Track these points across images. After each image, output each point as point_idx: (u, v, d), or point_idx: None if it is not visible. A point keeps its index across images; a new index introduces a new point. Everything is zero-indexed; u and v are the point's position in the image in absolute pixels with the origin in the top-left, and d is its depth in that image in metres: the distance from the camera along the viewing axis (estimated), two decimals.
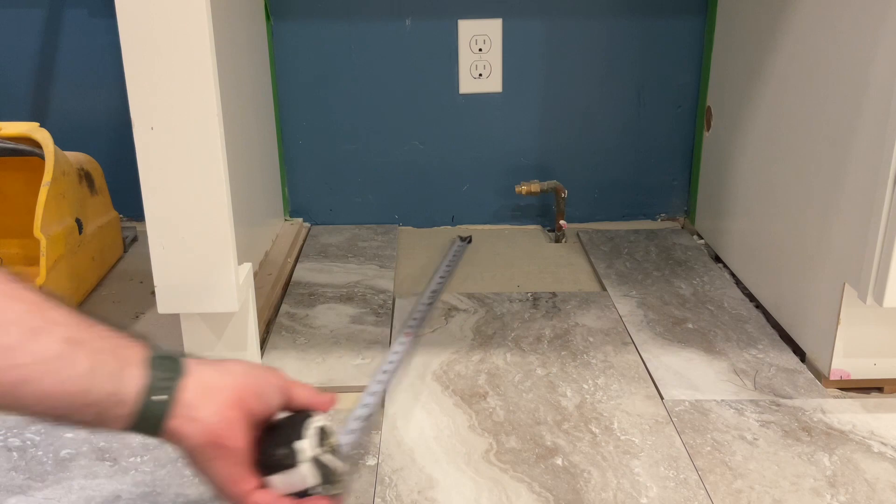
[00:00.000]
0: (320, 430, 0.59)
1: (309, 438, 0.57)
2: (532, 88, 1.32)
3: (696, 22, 1.28)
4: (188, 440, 0.54)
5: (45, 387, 0.49)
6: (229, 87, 0.90)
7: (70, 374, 0.49)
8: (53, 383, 0.49)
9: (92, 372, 0.50)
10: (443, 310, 1.06)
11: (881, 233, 0.75)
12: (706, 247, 1.27)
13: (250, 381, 0.57)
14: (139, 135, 0.76)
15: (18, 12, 1.27)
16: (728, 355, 0.94)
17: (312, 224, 1.39)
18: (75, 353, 0.50)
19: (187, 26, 0.73)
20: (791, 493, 0.70)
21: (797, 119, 0.94)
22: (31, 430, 0.81)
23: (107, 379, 0.51)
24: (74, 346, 0.50)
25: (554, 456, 0.76)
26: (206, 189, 0.78)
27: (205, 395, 0.54)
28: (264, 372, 0.60)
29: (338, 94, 1.32)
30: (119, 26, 0.72)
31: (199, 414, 0.54)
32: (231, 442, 0.54)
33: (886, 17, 0.75)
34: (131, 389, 0.52)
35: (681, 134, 1.35)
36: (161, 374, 0.53)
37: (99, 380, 0.50)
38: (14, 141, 1.02)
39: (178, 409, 0.53)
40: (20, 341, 0.48)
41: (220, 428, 0.54)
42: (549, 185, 1.31)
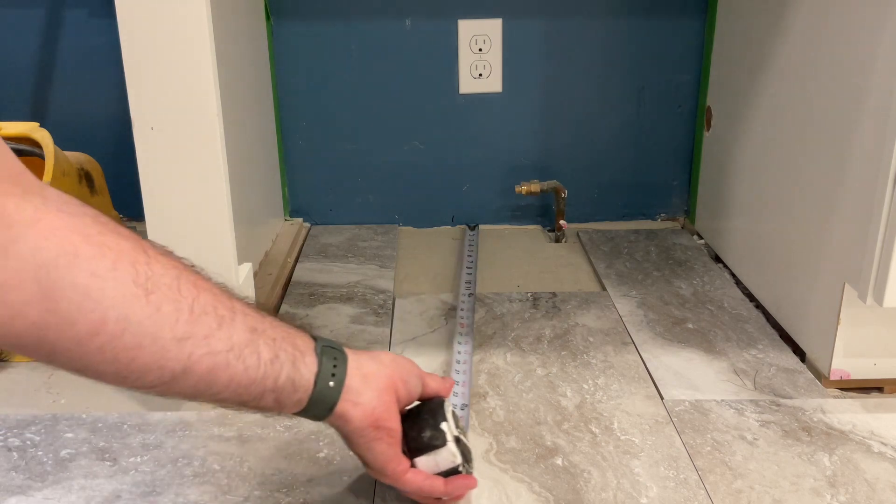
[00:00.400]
0: (453, 414, 0.66)
1: (449, 421, 0.64)
2: (532, 88, 1.32)
3: (696, 22, 1.28)
4: (353, 423, 0.58)
5: (234, 373, 0.51)
6: (229, 87, 0.90)
7: (255, 361, 0.52)
8: (242, 370, 0.52)
9: (274, 359, 0.54)
10: (443, 310, 1.06)
11: (881, 233, 0.75)
12: (706, 247, 1.27)
13: (398, 369, 0.62)
14: (139, 135, 0.76)
15: (18, 12, 1.27)
16: (728, 355, 0.94)
17: (312, 224, 1.39)
18: (258, 342, 0.53)
19: (187, 26, 0.73)
20: (791, 493, 0.70)
21: (797, 119, 0.94)
22: (31, 430, 0.81)
23: (288, 366, 0.54)
24: (256, 334, 0.53)
25: (554, 456, 0.76)
26: (206, 189, 0.78)
27: (365, 381, 0.59)
28: (407, 362, 0.65)
29: (338, 94, 1.32)
30: (119, 26, 0.72)
31: (361, 398, 0.58)
32: (388, 423, 0.60)
33: (887, 16, 0.75)
34: (307, 376, 0.56)
35: (681, 134, 1.35)
36: (329, 362, 0.57)
37: (280, 367, 0.54)
38: (14, 141, 1.02)
39: (344, 394, 0.57)
40: (213, 331, 0.50)
41: (379, 410, 0.59)
42: (549, 185, 1.31)
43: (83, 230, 0.47)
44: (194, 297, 0.50)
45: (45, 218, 0.45)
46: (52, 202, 0.47)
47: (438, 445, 0.63)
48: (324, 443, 0.78)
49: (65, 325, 0.45)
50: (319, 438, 0.79)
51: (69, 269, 0.45)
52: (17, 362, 0.95)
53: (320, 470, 0.74)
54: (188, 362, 0.49)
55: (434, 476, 0.63)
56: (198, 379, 0.50)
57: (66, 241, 0.45)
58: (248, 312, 0.54)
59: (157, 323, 0.48)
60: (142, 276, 0.48)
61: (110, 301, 0.46)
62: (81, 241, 0.46)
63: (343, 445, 0.78)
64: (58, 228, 0.45)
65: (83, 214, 0.48)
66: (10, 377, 0.92)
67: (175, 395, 0.51)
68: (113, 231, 0.49)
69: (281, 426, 0.81)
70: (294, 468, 0.74)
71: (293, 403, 0.56)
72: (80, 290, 0.45)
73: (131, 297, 0.47)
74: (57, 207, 0.46)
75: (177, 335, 0.48)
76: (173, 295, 0.49)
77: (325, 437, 0.79)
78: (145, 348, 0.47)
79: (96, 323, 0.46)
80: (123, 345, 0.47)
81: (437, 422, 0.63)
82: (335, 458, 0.76)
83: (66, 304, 0.45)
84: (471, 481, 0.66)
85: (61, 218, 0.46)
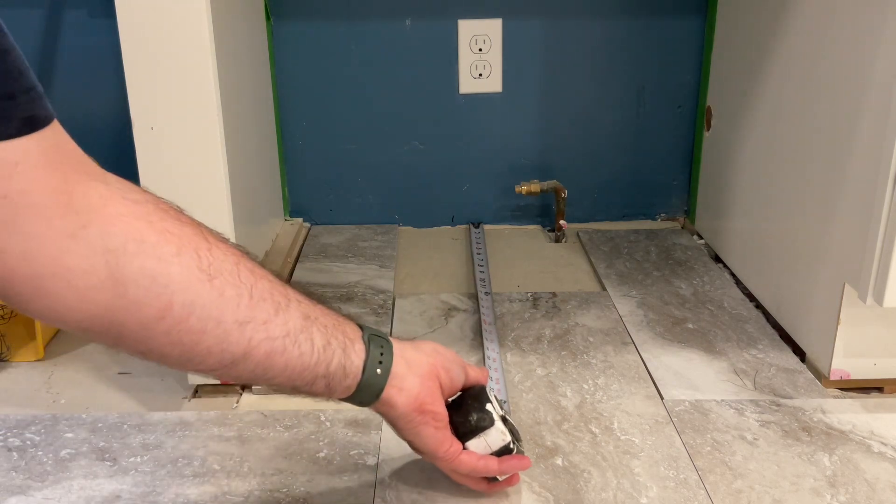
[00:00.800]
0: (496, 398, 0.68)
1: (494, 403, 0.66)
2: (532, 88, 1.32)
3: (696, 22, 1.28)
4: (398, 408, 0.60)
5: (290, 358, 0.53)
6: (229, 87, 0.90)
7: (309, 347, 0.54)
8: (297, 356, 0.53)
9: (327, 346, 0.56)
10: (442, 310, 1.06)
11: (881, 233, 0.75)
12: (706, 247, 1.27)
13: (440, 358, 0.65)
14: (139, 135, 0.76)
15: (18, 12, 1.27)
16: (728, 355, 0.94)
17: (312, 224, 1.39)
18: (312, 329, 0.55)
19: (187, 26, 0.73)
20: (791, 493, 0.70)
21: (797, 119, 0.94)
22: (31, 430, 0.81)
23: (339, 353, 0.56)
24: (310, 321, 0.55)
25: (554, 456, 0.76)
26: (206, 189, 0.78)
27: (409, 368, 0.61)
28: (448, 351, 0.66)
29: (338, 94, 1.32)
30: (119, 26, 0.72)
31: (406, 384, 0.60)
32: (433, 407, 0.62)
33: (887, 16, 0.74)
34: (357, 363, 0.58)
35: (681, 134, 1.35)
36: (377, 350, 0.59)
37: (332, 353, 0.56)
38: None
39: (390, 380, 0.59)
40: (271, 316, 0.52)
41: (423, 395, 0.61)
42: (549, 185, 1.31)
43: (147, 217, 0.48)
44: (252, 283, 0.51)
45: (110, 204, 0.46)
46: (116, 189, 0.47)
47: (486, 426, 0.65)
48: (324, 443, 0.78)
49: (133, 308, 0.46)
50: (319, 438, 0.79)
51: (137, 254, 0.46)
52: (17, 362, 0.95)
53: (320, 470, 0.74)
54: (248, 346, 0.51)
55: (487, 456, 0.66)
56: (256, 363, 0.52)
57: (132, 228, 0.46)
58: (301, 300, 0.56)
59: (220, 307, 0.49)
60: (205, 261, 0.49)
61: (177, 285, 0.47)
62: (146, 228, 0.47)
63: (343, 445, 0.78)
64: (123, 215, 0.46)
65: (145, 201, 0.48)
66: (10, 377, 0.92)
67: (233, 378, 0.53)
68: (174, 217, 0.50)
69: (281, 426, 0.81)
70: (294, 468, 0.74)
71: (343, 389, 0.58)
72: (147, 274, 0.46)
73: (196, 281, 0.48)
74: (121, 195, 0.47)
75: (238, 319, 0.50)
76: (234, 280, 0.50)
77: (325, 437, 0.79)
78: (209, 332, 0.49)
79: (163, 307, 0.47)
80: (189, 328, 0.48)
81: (483, 405, 0.65)
82: (335, 458, 0.76)
83: (134, 289, 0.46)
84: (524, 460, 0.68)
85: (126, 205, 0.47)
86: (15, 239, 0.42)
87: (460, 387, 0.67)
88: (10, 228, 0.42)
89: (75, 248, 0.44)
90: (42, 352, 0.96)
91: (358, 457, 0.76)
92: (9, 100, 0.41)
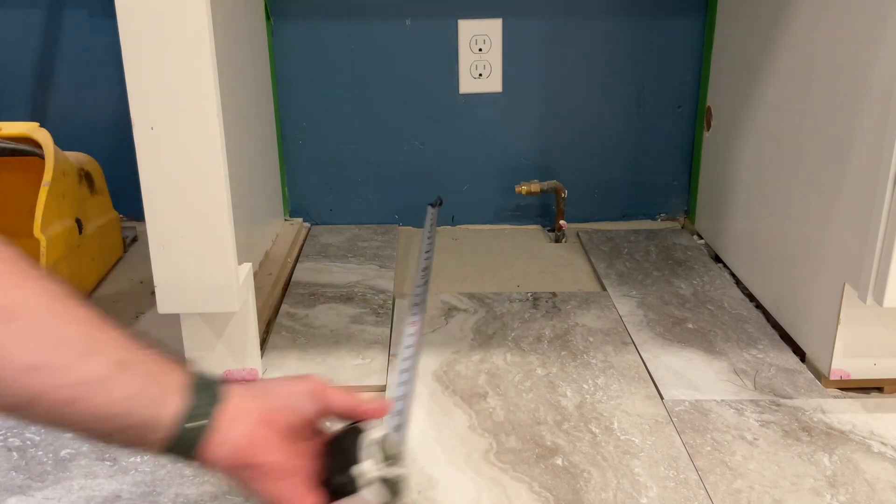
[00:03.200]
0: (378, 443, 0.56)
1: (368, 458, 0.55)
2: (532, 88, 1.32)
3: (696, 22, 1.28)
4: (221, 463, 0.55)
5: (91, 407, 0.50)
6: (229, 87, 0.90)
7: (115, 396, 0.51)
8: (99, 404, 0.50)
9: (136, 395, 0.52)
10: (443, 310, 1.06)
11: (881, 233, 0.75)
12: (706, 247, 1.27)
13: (278, 396, 0.58)
14: (139, 135, 0.76)
15: (18, 12, 1.27)
16: (728, 355, 0.94)
17: (312, 224, 1.39)
18: (122, 376, 0.51)
19: (187, 26, 0.73)
20: (791, 493, 0.70)
21: (797, 119, 0.94)
22: (31, 430, 0.81)
23: (149, 403, 0.52)
24: (123, 368, 0.51)
25: (554, 456, 0.76)
26: (206, 189, 0.78)
27: (235, 419, 0.55)
28: (294, 381, 0.60)
29: (338, 94, 1.32)
30: (119, 26, 0.72)
31: (228, 437, 0.55)
32: (261, 458, 0.55)
33: (887, 16, 0.74)
34: (169, 415, 0.53)
35: (681, 134, 1.35)
36: (200, 402, 0.54)
37: (141, 403, 0.52)
38: (14, 141, 1.02)
39: (212, 434, 0.54)
40: (72, 362, 0.49)
41: (246, 446, 0.55)
42: (549, 185, 1.31)
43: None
44: (58, 326, 0.50)
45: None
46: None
47: (350, 492, 0.55)
48: None
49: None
50: None
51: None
52: None
53: None
54: (35, 393, 0.49)
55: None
56: (45, 410, 0.49)
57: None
58: (120, 346, 0.52)
59: (9, 351, 0.47)
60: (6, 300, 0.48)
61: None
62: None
63: None
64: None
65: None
66: None
67: (31, 421, 0.51)
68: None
69: None
70: None
71: (154, 442, 0.53)
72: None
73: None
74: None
75: (28, 365, 0.48)
76: (31, 324, 0.49)
77: None
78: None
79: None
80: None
81: (349, 462, 0.55)
82: None
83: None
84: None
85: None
86: None
87: (317, 416, 0.58)
88: None
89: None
90: None
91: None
92: None
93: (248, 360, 0.88)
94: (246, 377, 0.88)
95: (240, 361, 0.87)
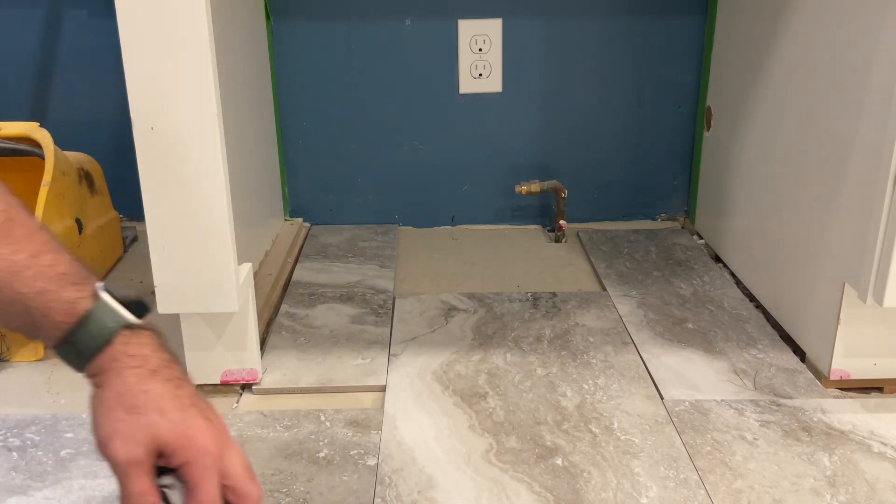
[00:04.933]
0: None
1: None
2: (532, 88, 1.32)
3: (696, 22, 1.28)
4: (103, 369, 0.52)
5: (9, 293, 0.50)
6: (229, 87, 0.90)
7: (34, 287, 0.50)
8: (17, 291, 0.50)
9: (45, 267, 0.51)
10: (443, 310, 1.06)
11: (881, 233, 0.75)
12: (706, 247, 1.27)
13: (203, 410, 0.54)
14: (139, 135, 0.76)
15: (18, 12, 1.27)
16: (728, 355, 0.94)
17: (312, 224, 1.39)
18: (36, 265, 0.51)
19: (187, 26, 0.73)
20: (791, 493, 0.70)
21: (797, 119, 0.94)
22: (31, 430, 0.81)
23: (58, 282, 0.51)
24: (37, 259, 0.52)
25: (554, 456, 0.76)
26: (206, 189, 0.78)
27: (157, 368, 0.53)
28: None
29: (338, 94, 1.32)
30: (119, 26, 0.72)
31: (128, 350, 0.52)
32: (149, 402, 0.51)
33: (886, 16, 0.74)
34: (84, 304, 0.51)
35: (681, 134, 1.35)
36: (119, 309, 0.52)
37: (46, 276, 0.51)
38: (14, 141, 1.02)
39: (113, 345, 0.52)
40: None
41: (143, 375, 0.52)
42: (549, 185, 1.31)
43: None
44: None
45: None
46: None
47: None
48: (324, 443, 0.78)
49: None
50: (319, 438, 0.79)
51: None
52: (17, 362, 0.95)
53: (320, 470, 0.74)
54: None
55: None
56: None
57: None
58: (57, 254, 0.52)
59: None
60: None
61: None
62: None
63: (343, 445, 0.78)
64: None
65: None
66: (10, 377, 0.92)
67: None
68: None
69: (281, 426, 0.81)
70: (294, 468, 0.74)
71: (53, 325, 0.51)
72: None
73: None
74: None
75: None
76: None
77: (325, 437, 0.79)
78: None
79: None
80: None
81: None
82: (335, 458, 0.76)
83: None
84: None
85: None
86: None
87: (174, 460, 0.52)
88: None
89: None
90: (42, 352, 0.96)
91: (358, 457, 0.76)
92: None
93: (248, 360, 0.88)
94: (246, 377, 0.88)
95: (240, 361, 0.87)
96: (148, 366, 0.52)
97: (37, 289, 0.51)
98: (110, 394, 0.51)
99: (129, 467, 0.50)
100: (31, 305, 0.51)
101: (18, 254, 0.51)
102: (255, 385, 0.89)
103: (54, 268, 0.52)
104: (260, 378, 0.89)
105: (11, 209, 0.52)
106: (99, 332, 0.52)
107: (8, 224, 0.51)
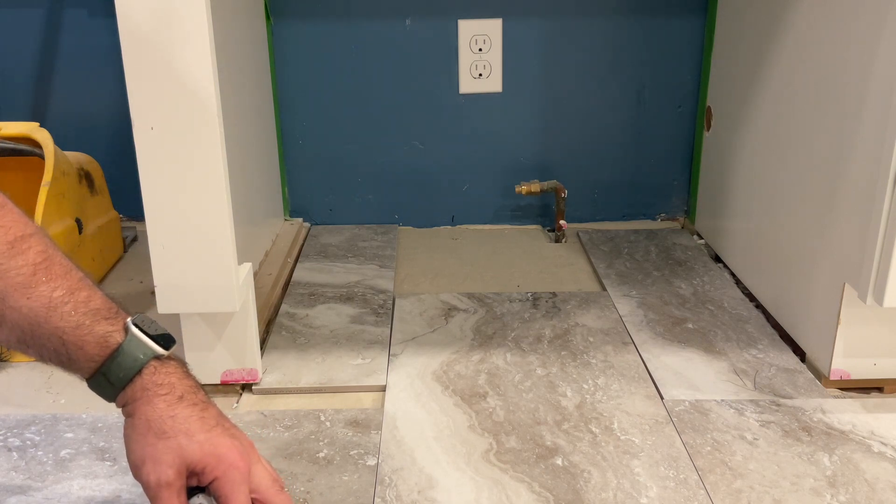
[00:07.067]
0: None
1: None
2: (532, 88, 1.32)
3: (696, 22, 1.28)
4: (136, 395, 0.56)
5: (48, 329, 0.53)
6: (229, 87, 0.90)
7: (70, 322, 0.54)
8: (55, 326, 0.54)
9: (77, 306, 0.55)
10: (443, 310, 1.06)
11: (881, 233, 0.75)
12: (706, 247, 1.27)
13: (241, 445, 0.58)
14: (139, 135, 0.76)
15: (18, 12, 1.27)
16: (728, 355, 0.94)
17: (312, 224, 1.39)
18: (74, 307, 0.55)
19: (187, 26, 0.73)
20: (791, 493, 0.70)
21: (797, 119, 0.94)
22: (31, 430, 0.81)
23: (90, 318, 0.55)
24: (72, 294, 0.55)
25: (554, 456, 0.76)
26: (206, 189, 0.78)
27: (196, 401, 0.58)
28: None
29: (338, 94, 1.32)
30: (119, 26, 0.72)
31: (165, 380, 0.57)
32: (177, 426, 0.56)
33: (887, 17, 0.75)
34: (116, 337, 0.55)
35: (681, 134, 1.35)
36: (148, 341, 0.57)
37: (78, 315, 0.55)
38: (14, 141, 1.02)
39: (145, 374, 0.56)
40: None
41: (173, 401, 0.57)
42: (549, 185, 1.31)
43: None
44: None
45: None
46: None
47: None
48: (324, 443, 0.78)
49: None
50: (319, 438, 0.79)
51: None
52: (17, 362, 0.95)
53: (320, 470, 0.74)
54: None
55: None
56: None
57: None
58: (87, 290, 0.56)
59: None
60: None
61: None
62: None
63: (343, 445, 0.78)
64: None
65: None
66: (10, 377, 0.92)
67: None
68: None
69: (281, 426, 0.81)
70: (294, 468, 0.74)
71: (86, 358, 0.55)
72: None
73: None
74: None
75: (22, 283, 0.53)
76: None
77: (325, 437, 0.79)
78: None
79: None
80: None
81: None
82: (335, 458, 0.76)
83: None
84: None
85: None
86: None
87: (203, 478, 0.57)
88: None
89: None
90: None
91: (358, 457, 0.76)
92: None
93: (247, 360, 0.88)
94: (246, 377, 0.88)
95: (239, 361, 0.87)
96: (175, 392, 0.56)
97: (73, 323, 0.54)
98: (140, 421, 0.56)
99: (159, 489, 0.55)
100: (66, 339, 0.54)
101: (57, 290, 0.54)
102: (255, 385, 0.89)
103: (89, 303, 0.55)
104: (260, 378, 0.89)
105: (49, 249, 0.56)
106: (130, 364, 0.56)
107: (47, 262, 0.55)
